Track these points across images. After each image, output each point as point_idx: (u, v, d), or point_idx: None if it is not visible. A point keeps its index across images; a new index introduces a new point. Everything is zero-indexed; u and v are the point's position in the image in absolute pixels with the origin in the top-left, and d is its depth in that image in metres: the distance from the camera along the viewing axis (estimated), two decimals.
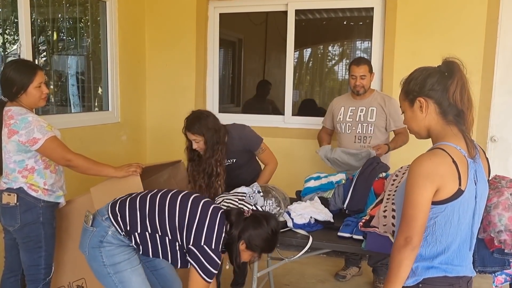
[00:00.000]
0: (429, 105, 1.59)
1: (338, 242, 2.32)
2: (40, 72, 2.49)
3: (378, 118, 3.31)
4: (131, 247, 2.09)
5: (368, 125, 3.33)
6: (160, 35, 4.56)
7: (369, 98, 3.37)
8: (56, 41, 4.22)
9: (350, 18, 5.36)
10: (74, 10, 4.07)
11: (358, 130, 3.35)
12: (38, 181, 2.45)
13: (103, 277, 2.07)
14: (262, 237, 2.00)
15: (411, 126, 1.68)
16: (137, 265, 2.10)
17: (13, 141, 2.37)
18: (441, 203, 1.51)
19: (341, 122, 3.41)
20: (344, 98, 3.52)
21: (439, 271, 1.56)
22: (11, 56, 3.66)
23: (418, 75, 1.62)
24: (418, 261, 1.57)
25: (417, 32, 3.85)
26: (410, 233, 1.50)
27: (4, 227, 2.51)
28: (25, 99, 2.45)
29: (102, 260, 2.03)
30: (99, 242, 2.04)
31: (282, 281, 3.65)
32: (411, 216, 1.50)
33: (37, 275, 2.49)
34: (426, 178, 1.48)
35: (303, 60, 6.23)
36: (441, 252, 1.56)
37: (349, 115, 3.39)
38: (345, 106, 3.43)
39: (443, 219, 1.53)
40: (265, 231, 2.00)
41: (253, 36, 6.06)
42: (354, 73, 3.29)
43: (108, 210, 2.08)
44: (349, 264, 3.72)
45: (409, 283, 1.57)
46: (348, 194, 2.65)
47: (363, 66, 3.28)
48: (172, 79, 4.56)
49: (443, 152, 1.52)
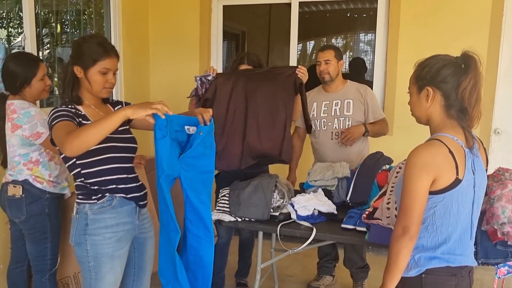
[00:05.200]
0: (436, 96, 1.59)
1: (341, 233, 2.32)
2: (42, 65, 2.50)
3: (356, 110, 3.06)
4: (109, 207, 1.95)
5: (345, 119, 3.06)
6: (163, 27, 4.55)
7: (343, 90, 3.13)
8: (60, 33, 4.22)
9: (354, 10, 5.34)
10: (78, 2, 4.07)
11: (334, 125, 3.08)
12: (43, 173, 2.47)
13: (82, 263, 2.00)
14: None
15: (413, 110, 1.69)
16: (118, 258, 1.99)
17: (17, 135, 2.38)
18: (439, 193, 1.53)
19: (315, 119, 3.12)
20: (314, 93, 3.21)
21: (441, 261, 1.57)
22: (15, 48, 3.67)
23: (433, 63, 1.60)
24: (421, 251, 1.59)
25: (422, 23, 3.83)
26: (407, 223, 1.52)
27: (10, 218, 2.53)
28: (29, 92, 2.46)
29: (86, 248, 1.95)
30: (84, 226, 1.95)
31: (286, 272, 3.68)
32: (408, 206, 1.52)
33: (43, 266, 2.52)
34: (422, 169, 1.50)
35: (306, 52, 6.22)
36: (443, 242, 1.57)
37: (323, 110, 3.12)
38: (317, 101, 3.14)
39: (442, 208, 1.55)
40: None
41: (256, 28, 6.05)
42: (319, 59, 3.08)
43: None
44: (322, 273, 3.45)
45: (412, 274, 1.59)
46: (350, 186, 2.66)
47: (328, 51, 3.06)
48: (176, 72, 4.56)
49: (439, 143, 1.53)
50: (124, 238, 2.01)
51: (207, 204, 2.08)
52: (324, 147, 3.14)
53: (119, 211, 1.98)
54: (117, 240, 1.97)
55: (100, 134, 1.71)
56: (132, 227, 2.04)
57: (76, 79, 1.97)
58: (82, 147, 1.71)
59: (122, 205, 1.99)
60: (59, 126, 1.82)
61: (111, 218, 1.96)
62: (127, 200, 2.00)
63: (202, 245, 2.09)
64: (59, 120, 1.84)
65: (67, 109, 1.91)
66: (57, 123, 1.84)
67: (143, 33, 4.54)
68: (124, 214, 2.00)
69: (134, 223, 2.04)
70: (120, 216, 1.98)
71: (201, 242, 2.09)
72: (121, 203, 1.99)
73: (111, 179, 1.96)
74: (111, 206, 1.96)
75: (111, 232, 1.96)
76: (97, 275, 1.98)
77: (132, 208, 2.02)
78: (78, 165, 1.94)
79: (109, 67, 1.95)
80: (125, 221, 2.00)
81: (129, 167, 2.05)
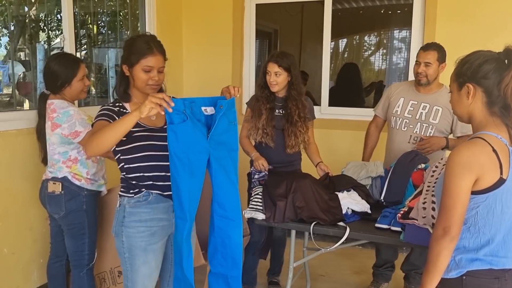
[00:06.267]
0: (476, 93, 1.55)
1: (375, 233, 2.29)
2: (83, 65, 2.57)
3: (442, 120, 2.87)
4: (145, 202, 1.99)
5: (428, 126, 2.89)
6: (197, 27, 4.60)
7: (435, 94, 2.91)
8: (96, 34, 4.32)
9: (388, 7, 5.26)
10: (114, 4, 4.16)
11: (415, 129, 2.92)
12: (81, 171, 2.53)
13: (119, 254, 2.06)
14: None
15: (455, 108, 1.66)
16: (152, 252, 2.02)
17: (56, 134, 2.46)
18: (482, 193, 1.49)
19: (398, 116, 2.98)
20: (405, 87, 3.04)
21: (484, 264, 1.53)
22: (55, 50, 3.78)
23: (474, 59, 1.56)
24: (462, 253, 1.55)
25: (459, 19, 3.72)
26: (448, 223, 1.48)
27: (50, 214, 2.61)
28: (69, 91, 2.53)
29: (122, 240, 2.01)
30: (122, 218, 2.01)
31: (318, 271, 3.66)
32: (450, 206, 1.49)
33: (81, 261, 2.59)
34: (464, 168, 1.46)
35: (338, 50, 6.16)
36: (486, 244, 1.53)
37: (409, 110, 2.93)
38: (405, 97, 2.97)
39: (485, 208, 1.50)
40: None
41: (289, 26, 6.04)
42: (419, 59, 2.86)
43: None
44: (381, 279, 3.28)
45: (452, 275, 1.55)
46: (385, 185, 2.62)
47: (431, 52, 2.82)
48: (209, 71, 4.60)
49: (482, 141, 1.49)
50: (158, 234, 2.04)
51: (235, 183, 2.02)
52: (398, 148, 2.96)
53: (154, 207, 2.01)
54: (151, 234, 2.01)
55: (115, 137, 1.78)
56: (168, 224, 2.06)
57: (125, 77, 2.03)
58: (100, 148, 1.80)
59: (158, 202, 2.02)
60: (94, 125, 1.93)
61: (146, 213, 2.00)
62: (163, 197, 2.02)
63: (230, 226, 2.03)
64: (97, 120, 1.94)
65: (110, 109, 1.98)
66: (95, 123, 1.94)
67: (176, 33, 4.60)
68: (160, 210, 2.02)
69: (171, 220, 2.06)
70: (155, 211, 2.01)
71: (229, 223, 2.02)
72: (157, 199, 2.01)
73: (148, 176, 1.99)
74: (147, 201, 2.00)
75: (144, 226, 1.99)
76: (132, 267, 2.03)
77: (169, 206, 2.04)
78: (122, 160, 2.00)
79: (152, 65, 1.97)
80: (161, 217, 2.03)
81: (167, 165, 2.05)
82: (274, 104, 2.93)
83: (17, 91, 3.73)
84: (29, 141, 2.83)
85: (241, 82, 4.54)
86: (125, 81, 2.04)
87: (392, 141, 3.05)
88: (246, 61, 4.54)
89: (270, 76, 2.85)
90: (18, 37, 3.87)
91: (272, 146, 2.90)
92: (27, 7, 3.86)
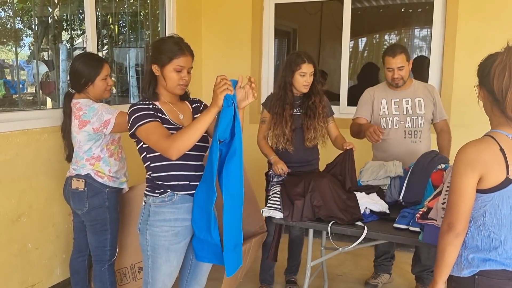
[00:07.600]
0: (484, 94, 1.57)
1: (394, 233, 2.28)
2: (106, 65, 2.62)
3: (427, 109, 3.03)
4: (170, 202, 2.01)
5: (418, 118, 3.03)
6: (216, 26, 4.63)
7: (411, 87, 3.07)
8: (117, 34, 4.40)
9: (409, 5, 5.21)
10: (135, 4, 4.22)
11: (407, 124, 3.04)
12: (104, 168, 2.59)
13: (143, 251, 2.09)
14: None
15: None
16: (174, 251, 2.04)
17: (85, 131, 2.51)
18: (488, 192, 1.49)
19: (387, 116, 3.07)
20: (381, 89, 3.15)
21: (497, 264, 1.53)
22: (77, 49, 3.86)
23: (483, 60, 1.58)
24: (475, 252, 1.55)
25: (481, 17, 3.67)
26: (452, 219, 1.51)
27: (73, 210, 2.68)
28: (92, 90, 2.59)
29: (146, 238, 2.05)
30: (147, 216, 2.04)
31: (336, 271, 3.65)
32: (453, 202, 1.51)
33: (102, 256, 2.65)
34: (467, 165, 1.48)
35: (357, 49, 6.13)
36: (498, 245, 1.53)
37: (394, 108, 3.05)
38: (386, 98, 3.08)
39: (492, 208, 1.51)
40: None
41: (308, 25, 6.03)
42: (391, 66, 2.96)
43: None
44: (380, 270, 3.42)
45: (465, 274, 1.56)
46: (403, 185, 2.61)
47: (399, 56, 2.93)
48: (228, 70, 4.56)
49: (490, 139, 1.50)
50: (182, 234, 2.06)
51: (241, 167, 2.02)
52: (395, 146, 3.05)
53: (179, 207, 2.03)
54: (174, 234, 2.04)
55: (198, 137, 1.87)
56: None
57: (154, 77, 2.07)
58: (185, 149, 1.87)
59: (183, 202, 2.04)
60: (150, 128, 1.91)
61: (170, 213, 2.03)
62: (189, 197, 2.05)
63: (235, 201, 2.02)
64: (147, 121, 1.93)
65: (145, 106, 1.99)
66: (146, 125, 1.92)
67: (196, 32, 4.64)
68: (184, 210, 2.05)
69: None
70: (180, 212, 2.04)
71: (234, 199, 2.00)
72: (182, 200, 2.04)
73: (174, 175, 2.01)
74: (171, 201, 2.03)
75: (168, 226, 2.02)
76: (153, 264, 2.06)
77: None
78: (148, 159, 2.03)
79: (183, 65, 2.02)
80: (185, 218, 2.05)
81: (197, 165, 2.08)
82: (293, 104, 2.95)
83: (41, 90, 3.82)
84: (53, 139, 2.91)
85: (260, 82, 4.56)
86: (154, 80, 2.08)
87: (386, 140, 3.06)
88: (264, 61, 4.56)
89: (306, 77, 2.87)
90: (41, 38, 3.96)
91: (291, 151, 2.92)
92: (51, 8, 3.95)
